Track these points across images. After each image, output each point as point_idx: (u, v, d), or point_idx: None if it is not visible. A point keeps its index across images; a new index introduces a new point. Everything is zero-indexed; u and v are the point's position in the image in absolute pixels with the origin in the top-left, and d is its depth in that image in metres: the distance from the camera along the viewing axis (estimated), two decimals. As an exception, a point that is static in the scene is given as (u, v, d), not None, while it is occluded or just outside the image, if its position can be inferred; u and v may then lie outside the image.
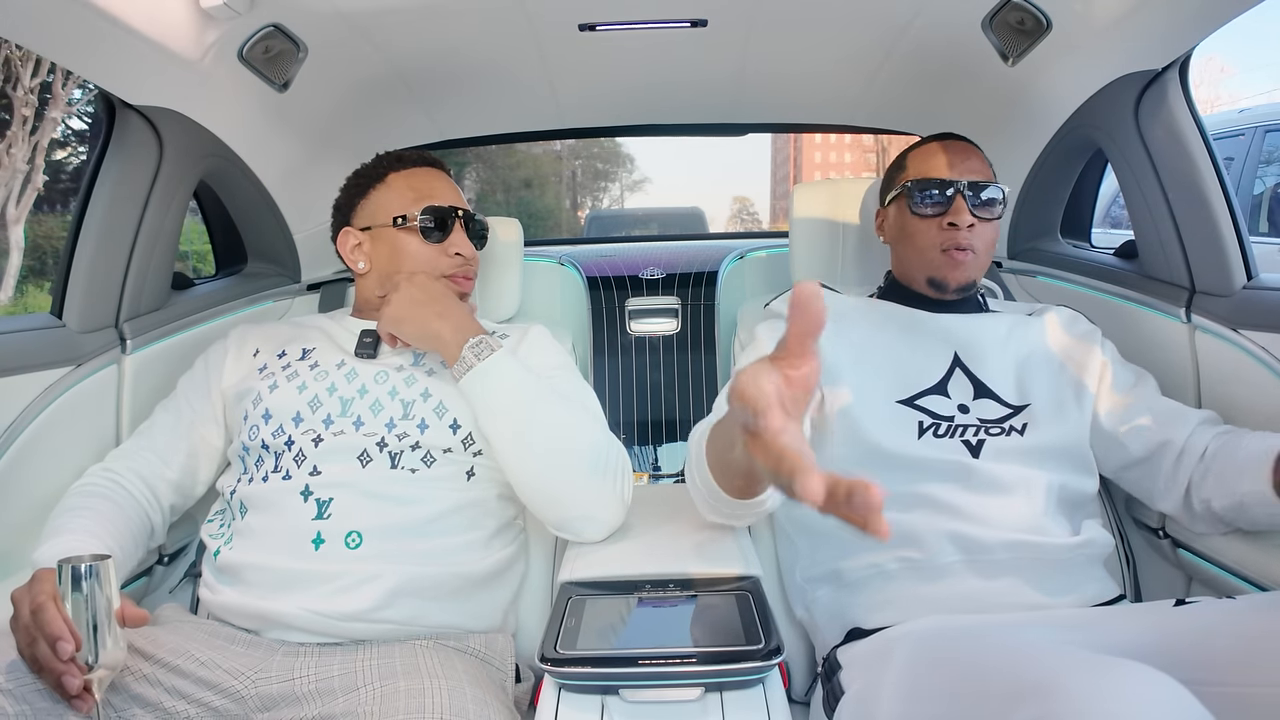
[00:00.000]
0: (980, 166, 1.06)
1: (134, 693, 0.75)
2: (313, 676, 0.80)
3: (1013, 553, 0.88)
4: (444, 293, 1.01)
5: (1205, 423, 0.98)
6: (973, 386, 1.00)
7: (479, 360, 0.93)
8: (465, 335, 0.95)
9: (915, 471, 0.94)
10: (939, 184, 1.04)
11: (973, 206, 1.03)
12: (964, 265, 1.03)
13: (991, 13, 1.12)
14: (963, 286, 1.05)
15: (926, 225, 1.05)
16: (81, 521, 0.87)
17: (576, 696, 0.70)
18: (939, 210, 1.04)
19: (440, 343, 0.96)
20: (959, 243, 1.03)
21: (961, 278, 1.04)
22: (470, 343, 0.94)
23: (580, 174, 34.41)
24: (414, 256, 1.06)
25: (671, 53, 1.34)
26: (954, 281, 1.05)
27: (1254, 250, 1.07)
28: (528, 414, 0.93)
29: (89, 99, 10.81)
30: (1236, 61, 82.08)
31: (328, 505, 0.90)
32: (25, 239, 10.42)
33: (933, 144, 1.09)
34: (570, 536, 0.94)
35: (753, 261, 1.62)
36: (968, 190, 1.03)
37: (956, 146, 1.07)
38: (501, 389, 0.93)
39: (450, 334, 0.95)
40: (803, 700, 0.99)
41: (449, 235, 1.08)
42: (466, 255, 1.08)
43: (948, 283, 1.05)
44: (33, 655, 0.68)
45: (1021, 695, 0.51)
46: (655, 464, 1.54)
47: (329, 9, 1.08)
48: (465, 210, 1.10)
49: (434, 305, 0.98)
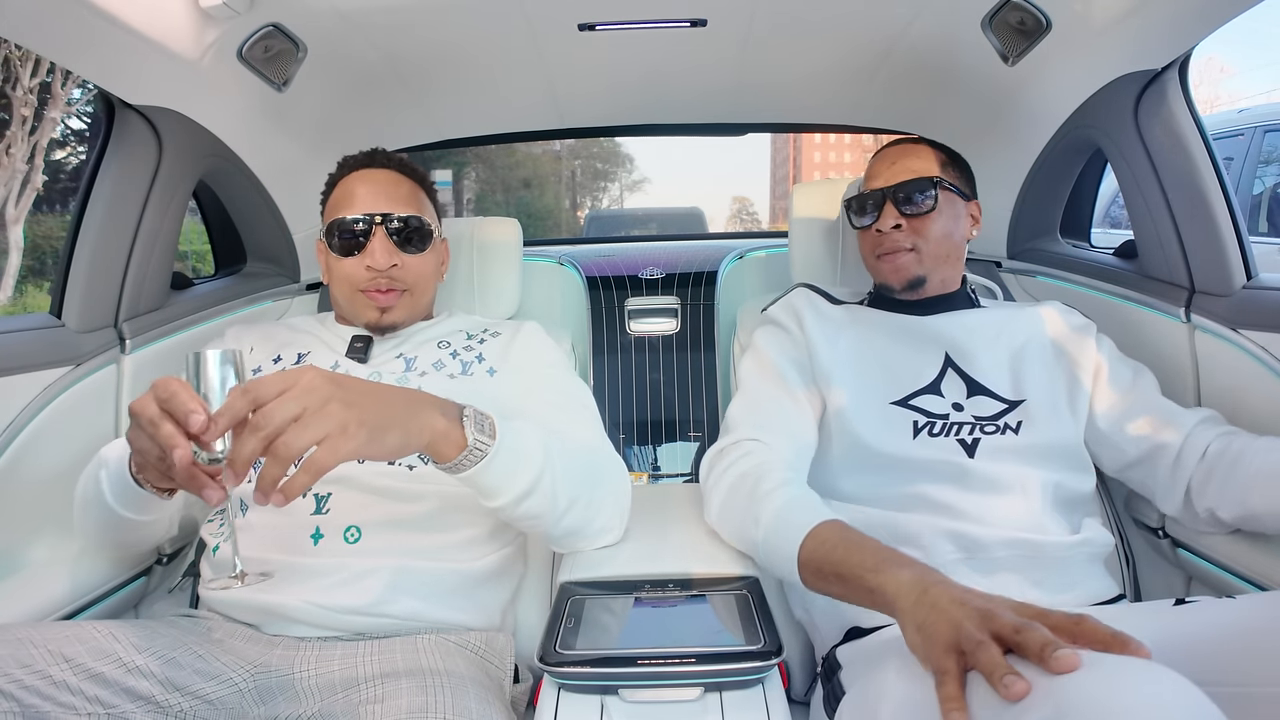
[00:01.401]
0: (915, 164, 1.08)
1: (126, 686, 0.75)
2: (313, 671, 0.80)
3: (1011, 550, 0.89)
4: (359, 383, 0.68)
5: (1205, 422, 0.98)
6: (965, 385, 1.01)
7: (490, 437, 0.74)
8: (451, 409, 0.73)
9: (911, 472, 0.94)
10: (866, 198, 1.10)
11: (900, 207, 1.06)
12: (902, 265, 1.06)
13: (991, 13, 1.12)
14: (912, 283, 1.07)
15: (864, 237, 1.12)
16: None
17: (576, 696, 0.70)
18: (871, 221, 1.09)
19: (435, 436, 0.70)
20: (884, 246, 1.07)
21: (903, 277, 1.07)
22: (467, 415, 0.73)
23: (580, 174, 34.42)
24: (335, 271, 1.04)
25: (671, 53, 1.34)
26: (896, 282, 1.08)
27: (1253, 250, 1.07)
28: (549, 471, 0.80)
29: (88, 99, 10.81)
30: (1236, 61, 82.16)
31: (326, 500, 0.90)
32: (24, 239, 10.41)
33: (873, 159, 1.14)
34: (566, 551, 0.93)
35: (752, 261, 1.62)
36: (894, 194, 1.06)
37: (888, 155, 1.11)
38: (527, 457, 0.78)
39: (443, 417, 0.71)
40: (802, 700, 0.99)
41: (366, 246, 1.01)
42: (376, 267, 0.99)
43: (891, 285, 1.09)
44: (153, 442, 0.63)
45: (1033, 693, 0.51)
46: (655, 464, 1.53)
47: (328, 8, 1.08)
48: (385, 215, 1.01)
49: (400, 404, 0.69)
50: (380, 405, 0.66)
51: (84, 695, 0.72)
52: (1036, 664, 0.52)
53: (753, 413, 1.00)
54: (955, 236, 1.08)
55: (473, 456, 0.72)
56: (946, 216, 1.07)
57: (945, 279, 1.09)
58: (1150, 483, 1.00)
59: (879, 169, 1.11)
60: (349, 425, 0.61)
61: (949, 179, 1.08)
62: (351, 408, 0.62)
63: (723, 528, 0.93)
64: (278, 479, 0.59)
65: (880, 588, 0.67)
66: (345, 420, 0.61)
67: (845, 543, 0.75)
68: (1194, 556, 1.03)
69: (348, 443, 0.61)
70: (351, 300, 1.04)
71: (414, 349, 1.05)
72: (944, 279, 1.09)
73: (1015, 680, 0.51)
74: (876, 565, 0.69)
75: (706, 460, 0.99)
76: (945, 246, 1.07)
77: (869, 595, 0.69)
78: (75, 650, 0.74)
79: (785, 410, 1.00)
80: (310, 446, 0.59)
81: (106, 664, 0.75)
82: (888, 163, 1.10)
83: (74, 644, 0.74)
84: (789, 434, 0.98)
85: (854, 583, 0.71)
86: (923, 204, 1.06)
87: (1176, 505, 0.98)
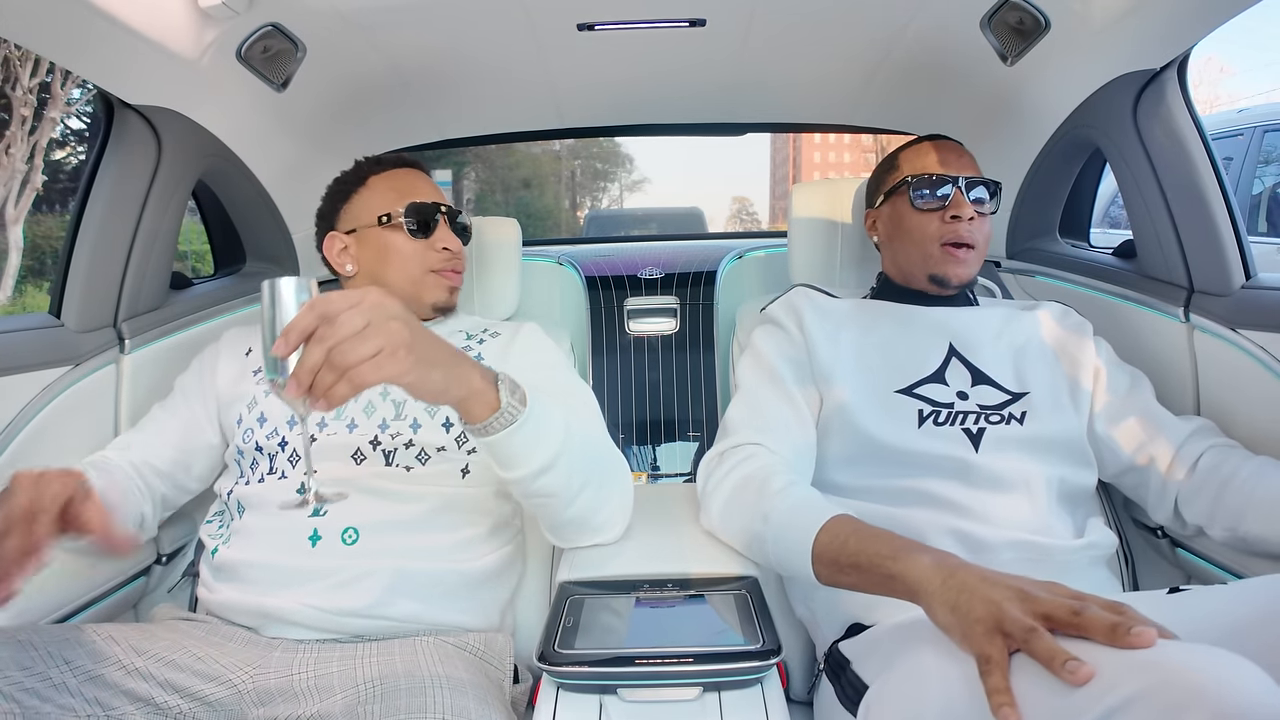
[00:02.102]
0: (972, 164, 1.08)
1: (125, 688, 0.75)
2: (311, 673, 0.80)
3: (1017, 553, 0.88)
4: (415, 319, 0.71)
5: (1197, 433, 0.98)
6: (970, 374, 1.01)
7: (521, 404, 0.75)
8: (489, 373, 0.75)
9: (916, 466, 0.94)
10: (938, 179, 1.06)
11: (971, 201, 1.04)
12: (966, 262, 1.05)
13: (990, 12, 1.12)
14: (963, 283, 1.07)
15: (926, 220, 1.06)
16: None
17: (575, 696, 0.70)
18: (939, 205, 1.05)
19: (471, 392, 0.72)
20: (960, 235, 1.04)
21: (964, 274, 1.06)
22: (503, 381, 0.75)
23: (579, 174, 34.42)
24: (401, 253, 1.07)
25: (670, 52, 1.34)
26: (956, 278, 1.06)
27: (1252, 250, 1.07)
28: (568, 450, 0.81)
29: (88, 99, 10.81)
30: (1235, 61, 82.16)
31: (323, 502, 0.90)
32: (24, 239, 10.41)
33: (925, 143, 1.11)
34: (567, 545, 0.93)
35: (751, 261, 1.62)
36: (965, 185, 1.04)
37: (949, 145, 1.10)
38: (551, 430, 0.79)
39: (481, 378, 0.73)
40: (802, 700, 0.99)
41: (434, 231, 1.08)
42: (453, 250, 1.09)
43: (949, 279, 1.06)
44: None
45: (1116, 674, 0.50)
46: (654, 464, 1.53)
47: (327, 8, 1.08)
48: (448, 206, 1.11)
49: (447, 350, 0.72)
50: (433, 344, 0.68)
51: (83, 697, 0.72)
52: (1105, 643, 0.52)
53: (752, 416, 1.00)
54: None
55: (503, 420, 0.73)
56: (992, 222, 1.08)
57: None
58: (1142, 491, 1.01)
59: (946, 156, 1.07)
60: (400, 349, 0.62)
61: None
62: (409, 330, 0.64)
63: (726, 529, 0.92)
64: (329, 386, 0.60)
65: (901, 574, 0.68)
66: (401, 341, 0.62)
67: (860, 533, 0.75)
68: (1193, 556, 1.03)
69: (396, 365, 0.62)
70: (420, 282, 1.08)
71: None
72: None
73: (1079, 665, 0.51)
74: (894, 553, 0.70)
75: (705, 464, 0.99)
76: (985, 253, 1.08)
77: (889, 583, 0.69)
78: (75, 653, 0.74)
79: (784, 414, 1.00)
80: (366, 358, 0.61)
81: (106, 666, 0.75)
82: (954, 153, 1.08)
83: (73, 646, 0.75)
84: (790, 437, 0.97)
85: (872, 571, 0.71)
86: (991, 205, 1.06)
87: (1166, 515, 0.99)
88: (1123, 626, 0.52)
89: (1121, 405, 1.02)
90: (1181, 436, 0.98)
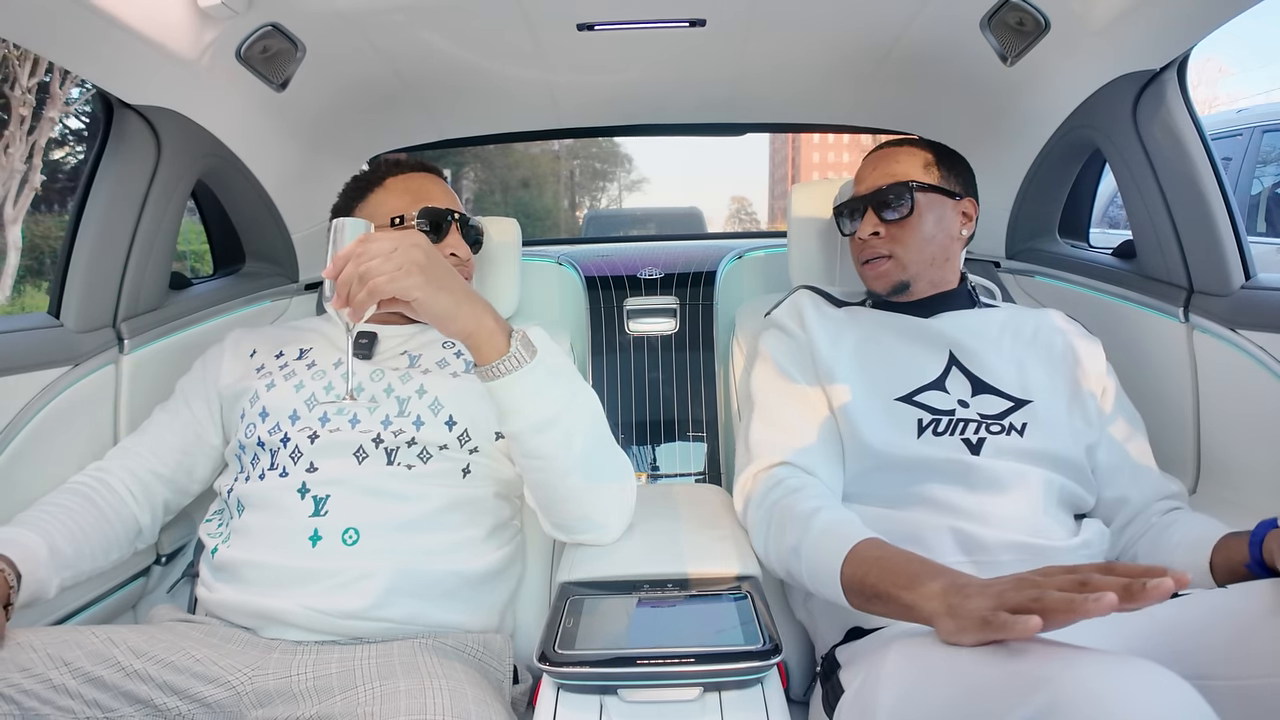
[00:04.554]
0: (895, 168, 1.08)
1: (124, 690, 0.75)
2: (310, 674, 0.80)
3: (1014, 554, 0.88)
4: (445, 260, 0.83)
5: (1167, 497, 0.99)
6: (970, 383, 1.00)
7: (530, 355, 0.81)
8: (504, 323, 0.83)
9: (915, 471, 0.94)
10: (849, 205, 1.12)
11: (880, 213, 1.06)
12: (882, 272, 1.08)
13: (990, 13, 1.12)
14: (895, 289, 1.08)
15: (851, 244, 1.13)
16: (37, 516, 0.88)
17: (575, 696, 0.70)
18: (854, 229, 1.11)
19: (480, 329, 0.80)
20: (865, 255, 1.09)
21: (885, 284, 1.08)
22: (516, 333, 0.82)
23: (578, 174, 34.40)
24: None
25: (670, 52, 1.34)
26: (879, 289, 1.09)
27: (1252, 250, 1.07)
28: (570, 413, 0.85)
29: (87, 98, 10.80)
30: (1235, 62, 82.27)
31: (325, 502, 0.90)
32: (23, 239, 10.40)
33: (862, 162, 1.14)
34: (569, 539, 0.94)
35: (751, 261, 1.63)
36: (872, 201, 1.07)
37: (872, 159, 1.12)
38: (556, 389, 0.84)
39: (494, 322, 0.81)
40: (802, 700, 0.99)
41: (444, 237, 1.09)
42: (461, 256, 1.10)
43: (877, 292, 1.10)
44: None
45: (1029, 686, 0.51)
46: (654, 464, 1.54)
47: (327, 8, 1.08)
48: (460, 213, 1.11)
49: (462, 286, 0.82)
50: (448, 274, 0.79)
51: (82, 699, 0.72)
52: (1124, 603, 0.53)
53: (773, 433, 0.99)
54: (939, 239, 1.06)
55: (509, 364, 0.80)
56: (927, 220, 1.06)
57: (935, 280, 1.08)
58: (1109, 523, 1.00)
59: (863, 174, 1.12)
60: (413, 269, 0.75)
61: (930, 180, 1.06)
62: (427, 259, 0.77)
63: (771, 566, 0.91)
64: (354, 295, 0.74)
65: (915, 604, 0.69)
66: (414, 263, 0.75)
67: (881, 563, 0.76)
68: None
69: (406, 279, 0.74)
70: None
71: (419, 347, 1.06)
72: (933, 280, 1.08)
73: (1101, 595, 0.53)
74: (908, 582, 0.71)
75: (738, 491, 0.98)
76: (928, 251, 1.06)
77: (908, 611, 0.71)
78: (74, 654, 0.74)
79: (804, 420, 0.99)
80: (386, 274, 0.74)
81: (105, 668, 0.75)
82: (870, 168, 1.11)
83: (73, 648, 0.74)
84: (813, 446, 0.97)
85: (892, 602, 0.73)
86: (900, 210, 1.05)
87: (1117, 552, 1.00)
88: (1137, 581, 0.53)
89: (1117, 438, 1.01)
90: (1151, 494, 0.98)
